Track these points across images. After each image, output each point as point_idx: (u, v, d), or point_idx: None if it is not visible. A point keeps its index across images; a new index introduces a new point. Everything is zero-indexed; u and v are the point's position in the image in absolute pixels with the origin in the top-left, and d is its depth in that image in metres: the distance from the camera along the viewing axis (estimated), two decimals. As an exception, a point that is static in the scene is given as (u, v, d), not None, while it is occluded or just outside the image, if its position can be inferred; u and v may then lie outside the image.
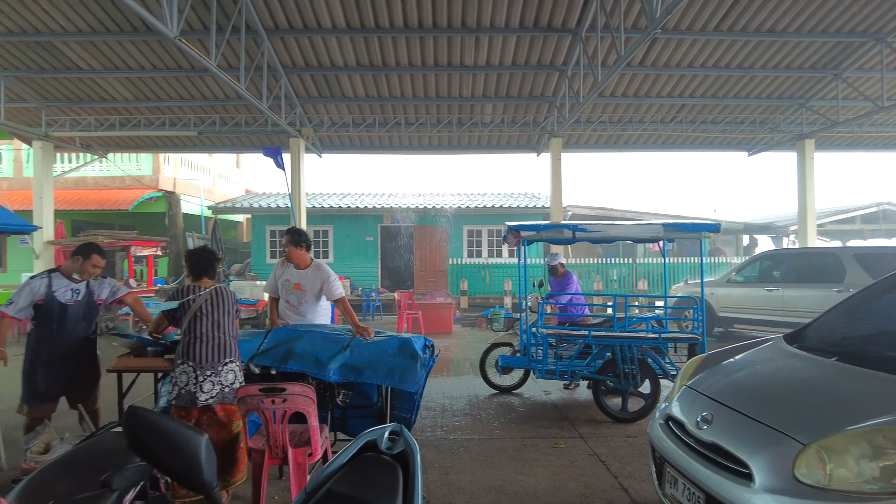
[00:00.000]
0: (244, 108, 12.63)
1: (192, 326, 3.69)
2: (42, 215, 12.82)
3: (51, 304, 4.33)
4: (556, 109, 12.48)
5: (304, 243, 4.95)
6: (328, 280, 4.90)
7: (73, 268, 4.48)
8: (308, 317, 4.94)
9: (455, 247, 17.46)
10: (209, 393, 3.62)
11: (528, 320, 6.43)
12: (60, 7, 9.20)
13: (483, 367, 6.87)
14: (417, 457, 1.80)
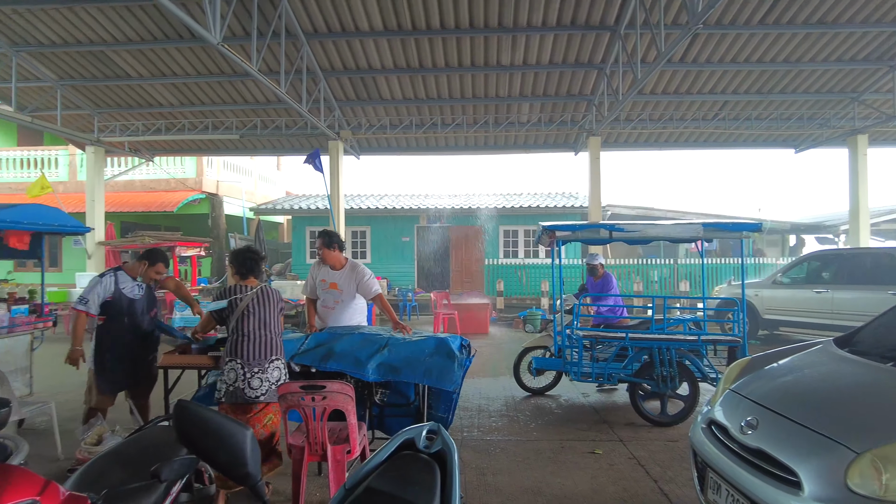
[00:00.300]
0: (284, 112, 12.87)
1: (239, 325, 3.80)
2: (94, 217, 13.36)
3: (120, 299, 4.56)
4: (594, 108, 12.32)
5: (337, 244, 5.03)
6: (364, 279, 4.96)
7: (138, 270, 4.70)
8: (345, 316, 4.99)
9: (491, 247, 17.41)
10: (258, 390, 3.73)
11: (562, 322, 6.38)
12: (112, 18, 9.58)
13: (517, 371, 6.78)
14: (455, 456, 1.80)
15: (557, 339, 6.21)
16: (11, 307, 6.09)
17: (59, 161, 17.50)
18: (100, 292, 4.49)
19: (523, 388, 6.75)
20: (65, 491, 1.58)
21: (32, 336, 5.94)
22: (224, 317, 3.91)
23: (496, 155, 16.07)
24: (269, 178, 22.59)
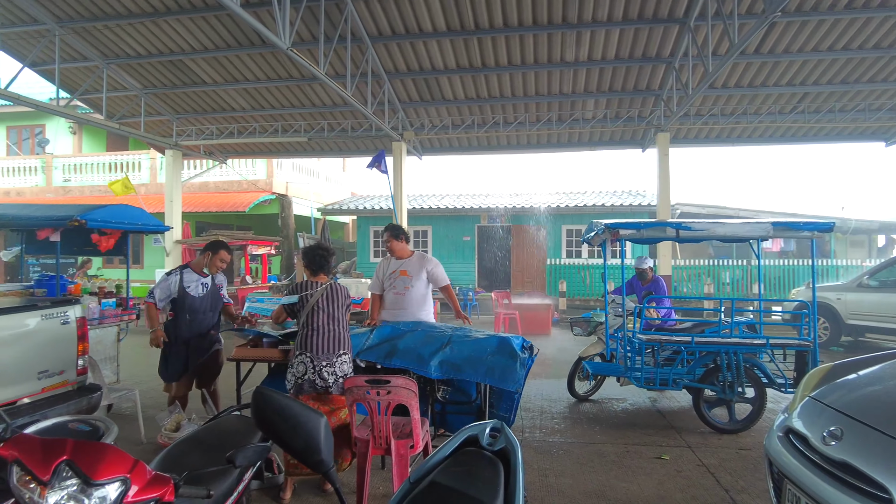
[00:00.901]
0: (350, 114, 13.18)
1: (309, 319, 3.94)
2: (172, 217, 14.14)
3: (183, 298, 4.87)
4: (662, 103, 11.93)
5: (404, 235, 5.20)
6: (436, 267, 5.12)
7: (203, 262, 4.99)
8: (415, 302, 5.06)
9: (553, 247, 17.18)
10: (327, 381, 3.85)
11: (614, 325, 6.23)
12: (191, 28, 10.12)
13: (572, 382, 6.52)
14: (519, 454, 1.79)
15: (610, 343, 6.07)
16: (101, 301, 6.55)
17: (142, 164, 18.62)
18: (164, 289, 4.82)
19: (574, 395, 6.51)
20: (150, 471, 1.69)
21: (119, 328, 6.36)
22: (295, 311, 4.07)
23: (559, 153, 15.81)
24: (335, 180, 23.19)
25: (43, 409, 3.76)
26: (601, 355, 6.39)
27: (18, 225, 6.24)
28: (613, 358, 6.08)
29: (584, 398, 6.48)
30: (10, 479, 1.52)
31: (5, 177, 19.40)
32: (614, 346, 6.10)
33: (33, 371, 3.89)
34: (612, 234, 5.48)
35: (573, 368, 6.57)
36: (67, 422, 2.63)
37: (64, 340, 4.16)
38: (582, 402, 6.41)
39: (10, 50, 10.80)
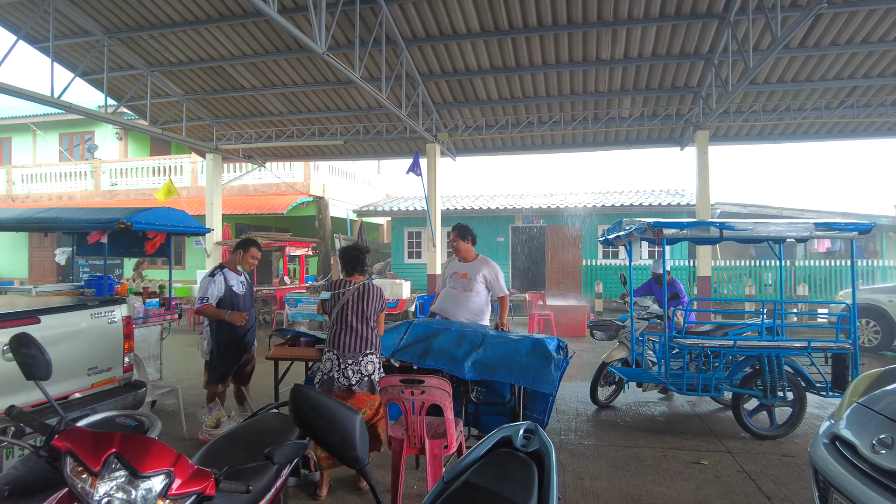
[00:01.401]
0: (385, 117, 13.30)
1: (339, 317, 4.00)
2: (213, 219, 14.51)
3: (231, 296, 5.01)
4: (701, 100, 11.66)
5: (471, 236, 5.25)
6: (498, 276, 5.14)
7: (236, 260, 5.14)
8: (466, 310, 5.10)
9: (589, 247, 16.97)
10: (350, 379, 3.90)
11: (639, 329, 6.11)
12: (230, 35, 10.38)
13: (595, 388, 6.29)
14: (553, 456, 1.79)
15: (635, 348, 5.92)
16: (145, 300, 6.77)
17: (184, 168, 19.18)
18: (214, 290, 4.93)
19: (596, 402, 6.30)
20: (193, 465, 1.75)
21: (162, 327, 6.57)
22: (328, 309, 4.13)
23: (595, 152, 15.59)
24: (370, 182, 23.44)
25: (92, 403, 3.91)
26: (624, 360, 6.21)
27: (72, 228, 6.50)
28: (639, 363, 5.94)
29: (605, 405, 6.29)
30: (64, 469, 1.60)
31: (58, 181, 20.24)
32: (639, 351, 5.95)
33: (83, 367, 4.05)
34: (655, 234, 5.35)
35: (597, 374, 6.37)
36: (115, 416, 2.74)
37: (111, 338, 4.32)
38: (603, 409, 6.22)
39: (63, 61, 11.27)
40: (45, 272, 20.39)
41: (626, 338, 6.23)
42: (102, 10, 9.92)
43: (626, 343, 6.24)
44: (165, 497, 1.63)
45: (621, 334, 6.44)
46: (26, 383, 3.01)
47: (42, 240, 20.04)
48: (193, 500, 1.68)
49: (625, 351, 6.20)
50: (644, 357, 5.97)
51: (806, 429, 5.39)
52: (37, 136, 21.73)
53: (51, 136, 21.69)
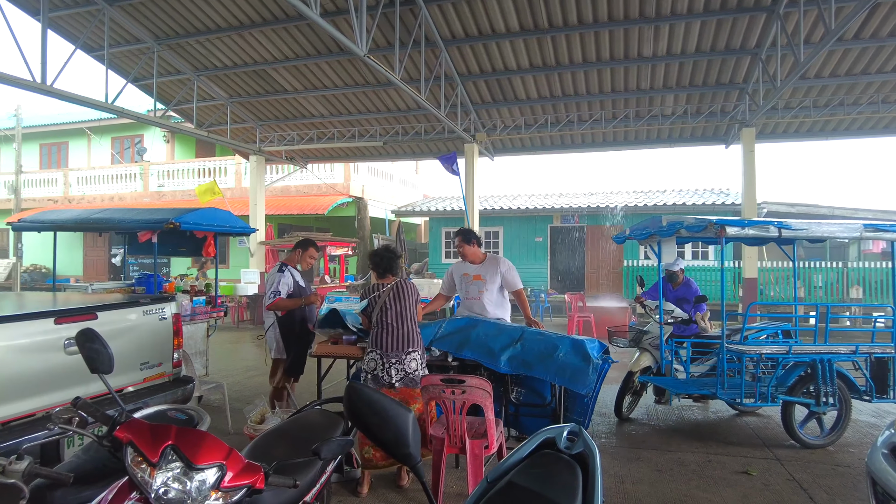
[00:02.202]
0: (423, 118, 13.37)
1: (379, 318, 4.07)
2: (256, 219, 14.86)
3: (300, 292, 5.19)
4: (747, 96, 11.31)
5: (475, 240, 5.25)
6: (510, 270, 5.15)
7: (296, 259, 5.30)
8: (490, 306, 5.11)
9: (630, 247, 16.67)
10: (392, 378, 3.96)
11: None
12: (273, 39, 10.62)
13: (621, 401, 5.90)
14: (597, 458, 1.78)
15: (665, 355, 5.73)
16: (193, 298, 6.99)
17: (228, 169, 19.69)
18: (286, 284, 5.08)
19: (619, 416, 5.90)
20: (243, 459, 1.81)
21: (208, 324, 6.76)
22: (368, 313, 4.20)
23: (637, 150, 15.32)
24: (408, 182, 23.60)
25: (144, 397, 4.06)
26: (649, 368, 5.89)
27: (124, 228, 6.76)
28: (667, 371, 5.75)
29: (626, 418, 5.90)
30: (125, 459, 1.67)
31: (110, 183, 21.07)
32: (667, 358, 5.71)
33: (136, 362, 4.21)
34: (717, 232, 5.17)
35: (623, 386, 5.90)
36: (167, 410, 2.85)
37: (162, 335, 4.48)
38: (622, 423, 5.84)
39: (116, 68, 11.72)
40: (98, 270, 21.26)
41: (651, 344, 5.88)
42: (153, 18, 10.29)
43: (649, 350, 5.88)
44: (218, 489, 1.69)
45: (645, 340, 6.00)
46: (84, 376, 3.16)
47: (96, 239, 20.90)
48: (244, 493, 1.74)
49: (650, 358, 5.86)
50: (672, 365, 5.73)
51: (857, 437, 5.19)
52: (91, 140, 22.68)
53: (104, 139, 22.60)
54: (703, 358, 5.80)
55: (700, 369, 5.74)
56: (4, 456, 1.71)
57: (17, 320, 3.42)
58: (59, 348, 3.53)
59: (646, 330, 6.09)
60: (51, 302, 4.60)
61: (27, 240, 19.18)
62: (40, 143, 23.96)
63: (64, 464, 2.45)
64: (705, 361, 5.81)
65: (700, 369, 5.74)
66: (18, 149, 20.70)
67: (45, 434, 3.10)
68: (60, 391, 3.50)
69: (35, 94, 8.82)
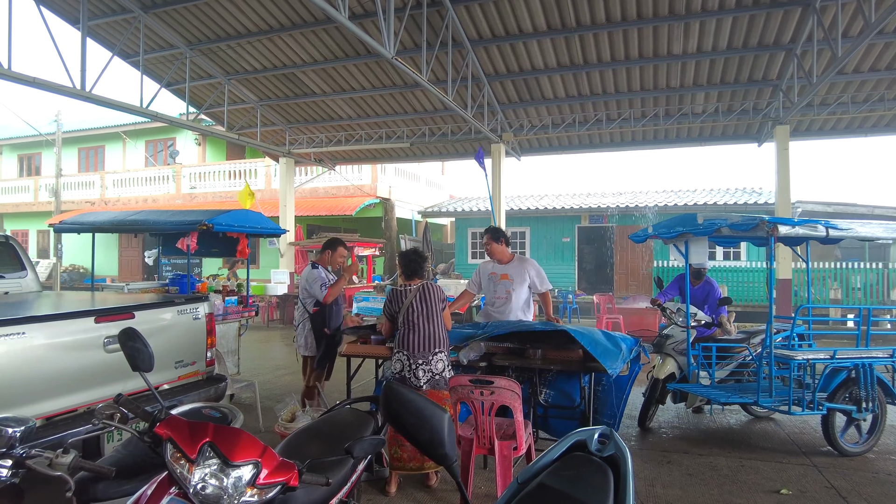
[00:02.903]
0: (450, 119, 13.40)
1: (406, 319, 4.08)
2: (286, 220, 15.09)
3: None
4: (781, 93, 11.05)
5: (503, 238, 5.26)
6: (540, 272, 5.18)
7: (326, 260, 5.38)
8: (517, 306, 5.14)
9: (661, 248, 16.43)
10: (421, 379, 3.97)
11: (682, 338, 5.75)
12: (302, 43, 10.78)
13: (647, 410, 5.61)
14: (629, 461, 1.76)
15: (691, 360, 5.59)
16: (225, 298, 7.13)
17: (258, 171, 20.02)
18: (325, 281, 5.18)
19: (642, 426, 5.61)
20: (277, 456, 1.84)
21: (240, 323, 6.88)
22: (394, 315, 4.22)
23: (667, 149, 15.11)
24: (434, 183, 23.67)
25: (179, 395, 4.16)
26: (673, 375, 5.69)
27: (159, 229, 6.93)
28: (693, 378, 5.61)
29: (648, 428, 5.61)
30: (165, 455, 1.72)
31: (144, 185, 21.63)
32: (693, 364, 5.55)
33: (171, 360, 4.31)
34: (769, 231, 5.02)
35: (650, 394, 5.61)
36: (201, 408, 2.91)
37: (195, 334, 4.57)
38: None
39: (150, 73, 12.02)
40: (133, 270, 21.83)
41: (675, 349, 5.67)
42: (186, 25, 10.54)
43: (673, 355, 5.68)
44: (253, 486, 1.72)
45: (668, 345, 5.74)
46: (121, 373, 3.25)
47: (130, 240, 21.47)
48: (278, 490, 1.77)
49: (674, 364, 5.66)
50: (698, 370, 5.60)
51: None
52: (126, 144, 23.30)
53: (138, 143, 23.20)
54: (724, 363, 5.67)
55: (720, 374, 5.60)
56: (51, 449, 1.77)
57: (60, 319, 3.53)
58: (100, 346, 3.64)
59: (668, 334, 5.82)
60: (90, 301, 4.75)
61: (66, 241, 19.82)
62: (79, 147, 24.71)
63: (105, 458, 2.53)
64: (725, 366, 5.68)
65: (720, 374, 5.60)
66: (59, 153, 21.38)
67: (87, 429, 3.20)
68: (100, 388, 3.61)
69: (75, 100, 9.11)
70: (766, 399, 4.95)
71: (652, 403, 5.61)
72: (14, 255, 5.41)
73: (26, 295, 5.20)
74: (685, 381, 5.59)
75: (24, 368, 3.23)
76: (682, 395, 5.70)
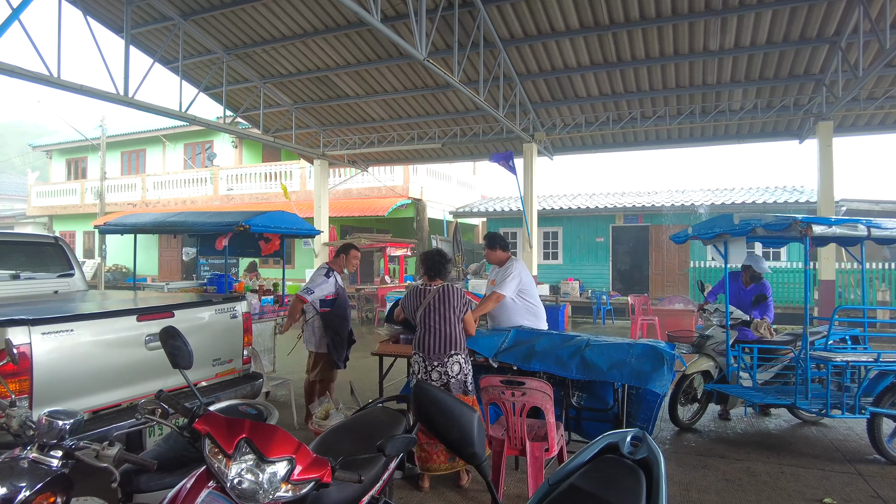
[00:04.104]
0: (482, 119, 13.39)
1: (423, 319, 4.09)
2: (320, 221, 15.31)
3: (341, 292, 5.38)
4: (824, 88, 10.70)
5: (499, 245, 5.23)
6: (510, 272, 4.97)
7: (341, 263, 5.48)
8: (512, 315, 5.05)
9: (698, 248, 16.09)
10: (436, 382, 3.96)
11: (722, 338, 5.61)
12: (335, 46, 10.92)
13: (675, 406, 5.51)
14: (662, 465, 1.74)
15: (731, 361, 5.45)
16: (261, 298, 7.27)
17: (293, 173, 20.35)
18: (324, 289, 5.24)
19: (678, 424, 5.56)
20: (311, 453, 1.88)
21: (275, 322, 7.01)
22: (411, 311, 4.24)
23: (703, 147, 14.78)
24: (466, 183, 23.67)
25: (216, 392, 4.26)
26: (707, 373, 5.64)
27: (198, 230, 7.12)
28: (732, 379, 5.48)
29: (687, 427, 5.57)
30: (203, 449, 1.78)
31: (182, 187, 22.22)
32: (733, 364, 5.45)
33: (209, 358, 4.43)
34: (803, 231, 4.87)
35: (676, 389, 5.49)
36: (238, 405, 2.98)
37: (233, 332, 4.68)
38: (686, 431, 5.55)
39: (189, 78, 12.36)
40: (172, 270, 22.46)
41: (715, 350, 5.66)
42: (223, 30, 10.80)
43: (713, 355, 5.66)
44: (288, 482, 1.76)
45: (708, 346, 5.75)
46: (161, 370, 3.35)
47: (170, 240, 22.10)
48: (312, 486, 1.80)
49: (709, 363, 5.64)
50: (738, 372, 5.48)
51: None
52: (166, 147, 23.99)
53: (177, 146, 23.86)
54: (767, 365, 5.52)
55: (764, 376, 5.46)
56: (97, 442, 1.85)
57: (105, 317, 3.67)
58: (141, 343, 3.76)
59: (709, 335, 5.80)
60: (132, 301, 4.91)
61: (110, 241, 20.53)
62: (121, 151, 25.55)
63: (147, 451, 2.62)
64: (769, 368, 5.53)
65: (764, 376, 5.46)
66: (103, 157, 22.15)
67: (130, 423, 3.32)
68: (141, 384, 3.73)
69: (118, 105, 9.42)
70: (804, 401, 4.83)
71: (678, 398, 5.55)
72: (63, 255, 5.63)
73: (74, 294, 5.41)
74: (724, 382, 5.49)
75: (72, 364, 3.37)
76: (723, 397, 5.60)
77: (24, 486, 1.66)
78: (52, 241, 5.68)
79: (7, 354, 2.40)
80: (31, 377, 3.12)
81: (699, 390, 5.69)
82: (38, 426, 1.81)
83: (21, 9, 5.11)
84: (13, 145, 54.98)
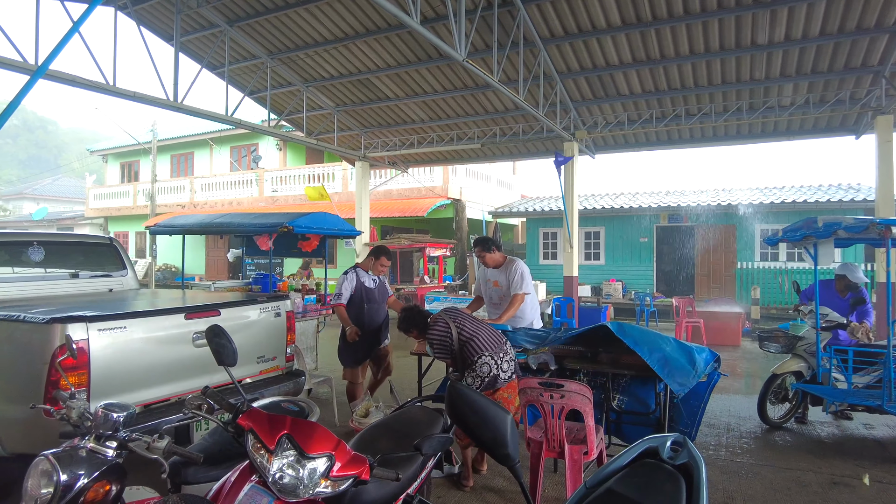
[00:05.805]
0: (521, 118, 13.32)
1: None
2: (361, 222, 15.51)
3: (361, 290, 5.46)
4: (884, 80, 10.19)
5: (495, 246, 5.31)
6: (523, 273, 5.12)
7: (368, 265, 5.58)
8: (522, 306, 5.16)
9: (745, 248, 15.60)
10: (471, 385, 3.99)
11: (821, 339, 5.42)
12: (376, 49, 11.05)
13: (763, 404, 5.66)
14: (703, 471, 1.70)
15: (822, 362, 5.27)
16: (304, 297, 7.43)
17: (335, 175, 20.69)
18: (348, 286, 5.39)
19: (766, 421, 5.68)
20: (350, 450, 1.92)
21: (318, 321, 7.15)
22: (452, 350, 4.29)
23: (751, 144, 14.29)
24: (505, 183, 23.58)
25: (260, 389, 4.39)
26: (798, 374, 5.63)
27: (243, 231, 7.33)
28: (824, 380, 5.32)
29: (777, 425, 5.66)
30: (246, 444, 1.84)
31: (229, 189, 22.87)
32: (825, 366, 5.30)
33: (253, 356, 4.56)
34: (882, 233, 4.68)
35: (766, 388, 5.70)
36: (280, 401, 3.06)
37: (276, 331, 4.81)
38: (775, 429, 5.59)
39: (234, 83, 12.71)
40: (219, 269, 23.14)
41: (807, 351, 5.67)
42: (267, 36, 11.07)
43: (805, 356, 5.68)
44: (327, 478, 1.80)
45: (799, 346, 5.79)
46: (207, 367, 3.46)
47: (216, 241, 22.78)
48: (350, 483, 1.84)
49: (800, 364, 5.66)
50: (830, 374, 5.33)
51: None
52: (213, 150, 24.74)
53: (223, 149, 24.57)
54: (870, 368, 5.30)
55: (863, 380, 5.27)
56: (148, 434, 1.93)
57: (155, 315, 3.82)
58: (189, 341, 3.90)
59: (801, 336, 5.83)
60: (181, 299, 5.09)
61: (160, 242, 21.31)
62: (171, 154, 26.50)
63: (194, 445, 2.72)
64: (871, 372, 5.31)
65: (863, 380, 5.27)
66: (154, 160, 23.01)
67: (179, 417, 3.45)
68: (188, 380, 3.87)
69: (168, 110, 9.78)
70: (892, 405, 4.69)
71: (767, 397, 5.65)
72: (117, 255, 5.89)
73: (127, 292, 5.65)
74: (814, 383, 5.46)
75: (125, 359, 3.53)
76: (818, 399, 5.50)
77: (83, 474, 1.75)
78: (106, 241, 5.94)
79: (67, 349, 2.53)
80: (88, 371, 3.27)
81: (790, 390, 5.72)
82: (94, 418, 1.90)
83: (80, 21, 5.37)
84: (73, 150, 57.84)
